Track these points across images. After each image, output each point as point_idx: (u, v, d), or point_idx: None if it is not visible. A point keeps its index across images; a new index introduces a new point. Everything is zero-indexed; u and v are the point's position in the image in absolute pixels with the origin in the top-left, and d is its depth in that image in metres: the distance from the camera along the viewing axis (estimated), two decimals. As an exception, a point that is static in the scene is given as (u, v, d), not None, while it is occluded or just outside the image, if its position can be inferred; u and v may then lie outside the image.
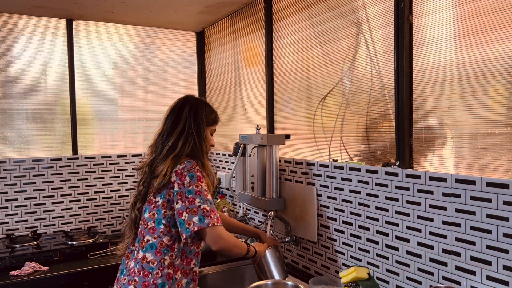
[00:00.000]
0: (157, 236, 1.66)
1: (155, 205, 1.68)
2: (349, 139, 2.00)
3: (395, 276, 1.69)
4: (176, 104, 1.82)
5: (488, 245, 1.35)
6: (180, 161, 1.67)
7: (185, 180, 1.62)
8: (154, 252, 1.64)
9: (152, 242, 1.66)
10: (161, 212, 1.67)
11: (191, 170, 1.64)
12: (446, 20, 1.52)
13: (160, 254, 1.64)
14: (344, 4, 1.98)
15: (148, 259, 1.64)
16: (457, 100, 1.49)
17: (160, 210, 1.67)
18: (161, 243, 1.65)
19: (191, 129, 1.74)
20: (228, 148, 3.12)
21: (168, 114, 1.80)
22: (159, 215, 1.67)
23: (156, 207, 1.68)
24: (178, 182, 1.63)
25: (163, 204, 1.66)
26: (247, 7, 2.82)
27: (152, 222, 1.67)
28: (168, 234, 1.66)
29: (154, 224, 1.67)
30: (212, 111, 1.87)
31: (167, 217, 1.66)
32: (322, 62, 2.15)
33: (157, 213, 1.67)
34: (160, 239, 1.65)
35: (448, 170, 1.53)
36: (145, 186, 1.72)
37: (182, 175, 1.63)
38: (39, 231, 2.88)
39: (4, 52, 2.87)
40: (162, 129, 1.78)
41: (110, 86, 3.22)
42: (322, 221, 2.08)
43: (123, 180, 3.19)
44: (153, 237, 1.66)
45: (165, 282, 1.62)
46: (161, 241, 1.65)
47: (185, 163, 1.66)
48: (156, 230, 1.66)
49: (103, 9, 2.82)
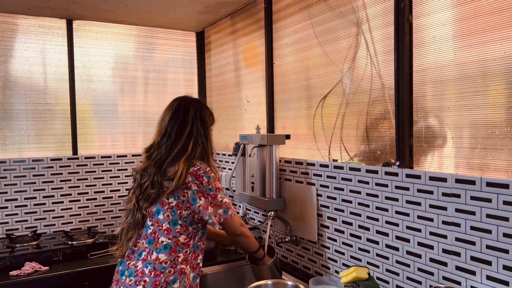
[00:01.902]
0: (173, 236, 1.68)
1: (168, 206, 1.69)
2: (349, 139, 2.00)
3: (395, 276, 1.69)
4: (178, 107, 1.81)
5: (488, 245, 1.35)
6: (193, 162, 1.72)
7: (203, 180, 1.70)
8: (168, 252, 1.67)
9: (166, 243, 1.68)
10: (176, 213, 1.69)
11: (207, 171, 1.72)
12: (446, 20, 1.52)
13: (175, 252, 1.68)
14: (344, 4, 1.98)
15: (161, 259, 1.66)
16: (457, 100, 1.49)
17: (174, 211, 1.69)
18: (177, 243, 1.69)
19: (199, 131, 1.78)
20: (228, 148, 3.12)
21: (171, 116, 1.78)
22: (174, 216, 1.69)
23: (170, 208, 1.69)
24: (196, 182, 1.69)
25: (177, 205, 1.69)
26: (247, 7, 2.82)
27: (167, 223, 1.69)
28: (185, 233, 1.70)
29: (169, 226, 1.69)
30: (211, 112, 1.92)
31: (183, 217, 1.70)
32: (322, 62, 2.15)
33: (171, 214, 1.69)
34: (176, 239, 1.68)
35: (448, 170, 1.53)
36: (157, 188, 1.70)
37: (199, 176, 1.69)
38: (39, 231, 2.88)
39: (4, 52, 2.87)
40: (164, 132, 1.77)
41: (110, 86, 3.22)
42: (322, 221, 2.08)
43: (123, 180, 3.19)
44: (168, 237, 1.68)
45: (177, 278, 1.66)
46: (176, 241, 1.69)
47: (198, 164, 1.72)
48: (172, 231, 1.68)
49: (103, 9, 2.82)
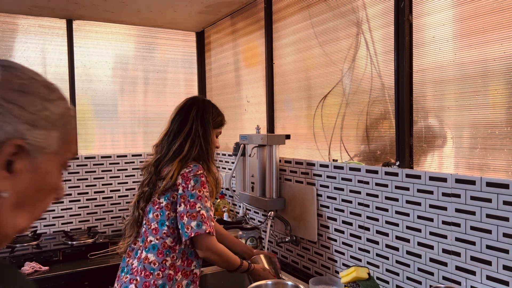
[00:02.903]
0: (160, 237, 1.66)
1: (159, 206, 1.69)
2: (349, 139, 2.00)
3: (395, 276, 1.69)
4: (184, 105, 1.82)
5: (488, 245, 1.35)
6: (186, 164, 1.69)
7: (189, 184, 1.64)
8: (156, 253, 1.65)
9: (154, 243, 1.66)
10: (165, 214, 1.67)
11: (197, 175, 1.66)
12: (446, 20, 1.52)
13: (162, 255, 1.65)
14: (344, 4, 1.98)
15: (150, 259, 1.64)
16: (457, 100, 1.49)
17: (164, 211, 1.68)
18: (164, 245, 1.66)
19: (198, 131, 1.75)
20: (228, 148, 3.12)
21: (175, 114, 1.80)
22: (162, 217, 1.68)
23: (160, 208, 1.68)
24: (183, 185, 1.64)
25: (167, 205, 1.68)
26: (247, 7, 2.82)
27: (156, 223, 1.68)
28: (171, 236, 1.67)
29: (157, 226, 1.68)
30: (219, 114, 1.88)
31: (171, 219, 1.67)
32: (322, 62, 2.15)
33: (160, 215, 1.68)
34: (163, 240, 1.66)
35: (448, 170, 1.53)
36: (150, 187, 1.72)
37: (188, 178, 1.64)
38: (39, 231, 2.88)
39: (4, 52, 2.87)
40: (168, 130, 1.78)
41: (110, 86, 3.22)
42: (322, 221, 2.08)
43: (123, 180, 3.19)
44: (156, 238, 1.67)
45: (166, 283, 1.63)
46: (163, 243, 1.66)
47: (191, 166, 1.68)
48: (159, 231, 1.67)
49: (103, 9, 2.81)
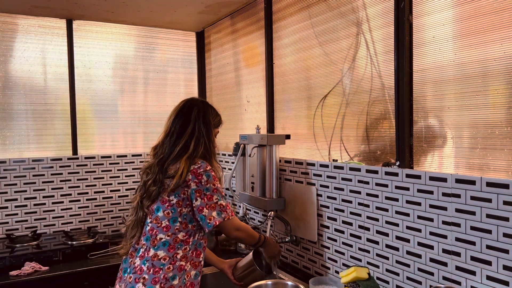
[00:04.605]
0: (172, 233, 1.70)
1: (169, 204, 1.71)
2: (349, 139, 2.00)
3: (395, 276, 1.69)
4: (183, 107, 1.84)
5: (488, 245, 1.35)
6: (194, 161, 1.73)
7: (202, 179, 1.69)
8: (167, 249, 1.68)
9: (165, 240, 1.69)
10: (177, 211, 1.71)
11: (207, 170, 1.71)
12: (446, 20, 1.52)
13: (174, 249, 1.69)
14: (344, 4, 1.98)
15: (160, 256, 1.67)
16: (457, 100, 1.49)
17: (175, 208, 1.71)
18: (175, 239, 1.69)
19: (202, 131, 1.79)
20: (228, 148, 3.12)
21: (175, 116, 1.83)
22: (174, 214, 1.71)
23: (171, 205, 1.71)
24: (195, 180, 1.69)
25: (178, 202, 1.71)
26: (247, 7, 2.82)
27: (167, 220, 1.70)
28: (184, 230, 1.71)
29: (169, 223, 1.70)
30: (217, 114, 1.93)
31: (183, 215, 1.71)
32: (322, 62, 2.15)
33: (172, 212, 1.71)
34: (174, 236, 1.70)
35: (448, 170, 1.53)
36: (158, 186, 1.74)
37: (199, 174, 1.70)
38: (39, 231, 2.88)
39: (4, 52, 2.87)
40: (169, 131, 1.81)
41: (110, 86, 3.22)
42: (322, 221, 2.08)
43: (123, 180, 3.19)
44: (167, 235, 1.69)
45: (176, 275, 1.66)
46: (175, 238, 1.70)
47: (199, 163, 1.72)
48: (171, 228, 1.70)
49: (103, 9, 2.82)
